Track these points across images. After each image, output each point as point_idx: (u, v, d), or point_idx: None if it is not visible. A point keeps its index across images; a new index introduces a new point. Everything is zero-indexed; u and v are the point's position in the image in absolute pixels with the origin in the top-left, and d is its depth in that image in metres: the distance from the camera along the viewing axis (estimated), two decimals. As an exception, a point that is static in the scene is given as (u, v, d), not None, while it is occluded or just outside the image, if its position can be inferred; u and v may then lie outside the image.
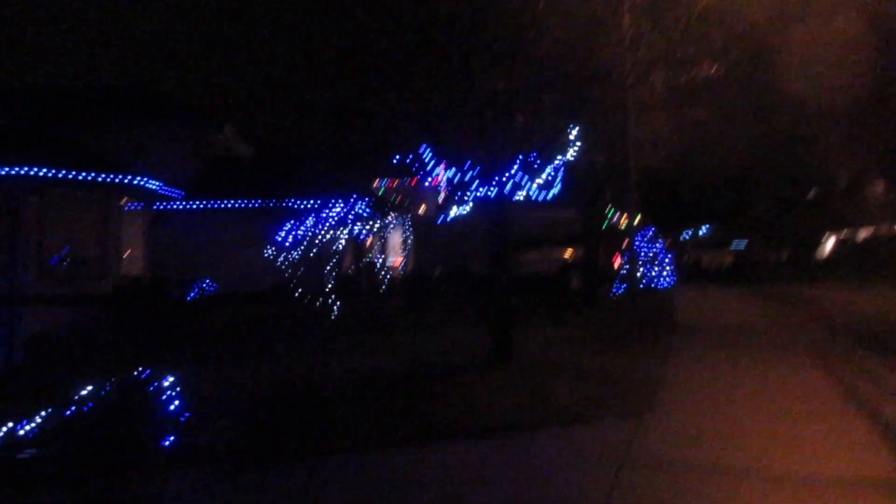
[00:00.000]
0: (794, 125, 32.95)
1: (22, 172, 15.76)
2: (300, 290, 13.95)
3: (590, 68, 8.82)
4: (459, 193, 8.85)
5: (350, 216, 14.58)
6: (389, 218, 23.80)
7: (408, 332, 13.28)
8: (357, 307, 16.97)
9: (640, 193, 16.65)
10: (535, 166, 8.78)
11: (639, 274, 19.67)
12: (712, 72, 10.24)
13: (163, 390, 6.38)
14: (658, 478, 4.96)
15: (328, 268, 13.36)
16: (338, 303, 14.13)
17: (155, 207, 21.01)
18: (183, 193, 21.79)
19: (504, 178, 8.60)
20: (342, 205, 13.69)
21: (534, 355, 9.98)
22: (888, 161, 34.33)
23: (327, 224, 13.30)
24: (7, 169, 15.63)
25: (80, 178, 16.92)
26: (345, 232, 13.74)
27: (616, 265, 25.10)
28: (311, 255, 13.69)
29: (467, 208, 9.34)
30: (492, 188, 8.64)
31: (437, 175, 8.90)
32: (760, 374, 8.55)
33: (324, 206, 13.58)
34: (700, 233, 51.88)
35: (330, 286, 13.89)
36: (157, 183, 19.19)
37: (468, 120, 8.76)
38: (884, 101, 30.54)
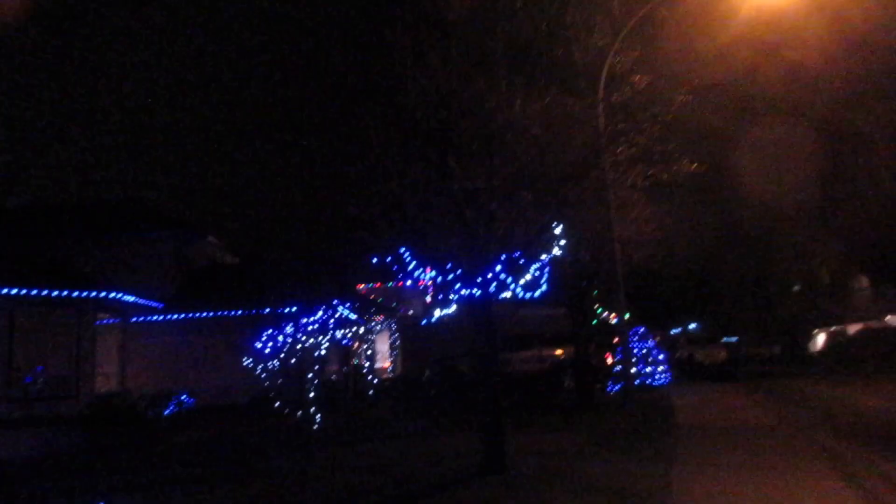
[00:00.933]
0: (768, 221, 33.79)
1: (-7, 289, 15.36)
2: (281, 401, 13.31)
3: (568, 166, 8.72)
4: (443, 294, 8.47)
5: (333, 321, 14.13)
6: (374, 321, 23.32)
7: (394, 441, 12.55)
8: (342, 416, 16.22)
9: (626, 291, 16.37)
10: (520, 265, 8.47)
11: (633, 371, 19.10)
12: (692, 168, 10.21)
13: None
14: None
15: (311, 376, 12.78)
16: (320, 413, 13.44)
17: (133, 320, 20.53)
18: (162, 305, 21.36)
19: (488, 278, 8.27)
20: (324, 310, 13.30)
21: (530, 463, 9.28)
22: (866, 256, 34.92)
23: (309, 330, 12.83)
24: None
25: (52, 295, 16.51)
26: (328, 338, 13.26)
27: (609, 363, 24.52)
28: (293, 363, 13.13)
29: (452, 309, 8.91)
30: (476, 289, 8.29)
31: (422, 277, 8.56)
32: (776, 483, 7.85)
33: (305, 312, 13.17)
34: (689, 329, 51.70)
35: (312, 395, 13.24)
36: (132, 298, 18.79)
37: (448, 220, 8.52)
38: (857, 197, 31.50)
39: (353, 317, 20.14)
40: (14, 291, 16.12)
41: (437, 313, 8.67)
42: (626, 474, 8.30)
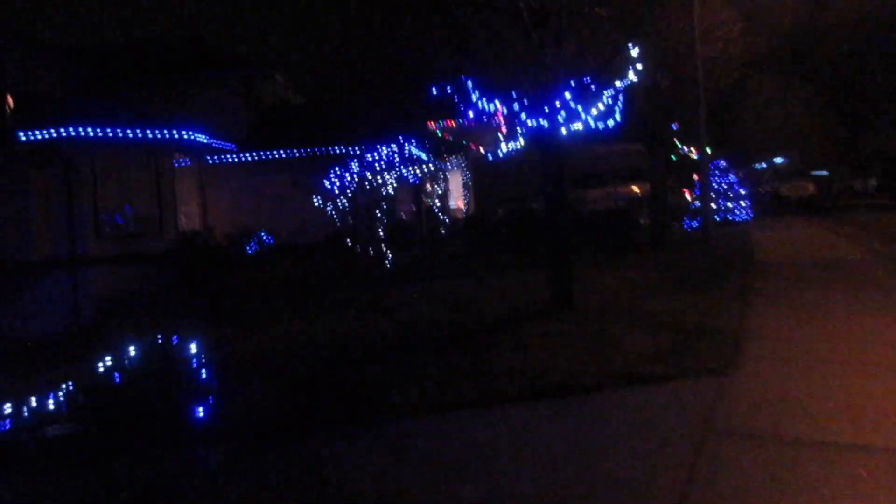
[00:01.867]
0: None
1: (72, 133, 15.68)
2: (352, 238, 13.43)
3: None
4: (508, 127, 7.93)
5: (403, 159, 13.81)
6: (446, 160, 22.96)
7: (464, 278, 12.63)
8: (414, 254, 16.41)
9: (708, 121, 15.14)
10: (592, 92, 7.76)
11: (713, 208, 18.30)
12: None
13: (198, 355, 5.98)
14: (751, 453, 4.10)
15: (379, 214, 12.74)
16: (392, 251, 13.56)
17: (209, 162, 20.87)
18: (235, 146, 21.55)
19: (556, 107, 7.63)
20: (394, 147, 12.93)
21: (598, 301, 9.12)
22: None
23: (379, 169, 12.59)
24: (53, 131, 15.57)
25: (130, 136, 16.76)
26: (398, 176, 13.02)
27: (688, 199, 23.66)
28: (366, 202, 13.08)
29: (519, 143, 8.40)
30: (543, 118, 7.69)
31: (486, 107, 7.97)
32: (862, 321, 7.37)
33: (375, 150, 12.84)
34: (776, 163, 48.99)
35: (386, 234, 13.29)
36: (205, 138, 18.91)
37: (513, 43, 7.78)
38: None
39: (423, 156, 19.83)
40: (91, 132, 16.39)
41: (504, 148, 8.18)
42: (697, 312, 8.00)
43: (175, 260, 16.78)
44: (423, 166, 19.97)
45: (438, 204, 23.08)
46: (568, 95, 7.65)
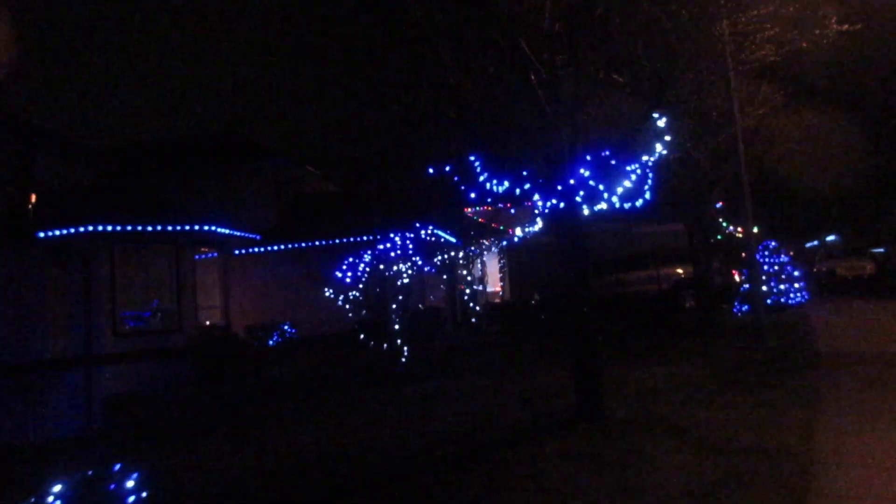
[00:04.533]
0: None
1: (90, 229, 15.42)
2: (364, 333, 12.54)
3: (675, 40, 6.81)
4: (522, 208, 7.03)
5: (423, 245, 13.03)
6: (479, 244, 22.17)
7: (490, 376, 11.49)
8: (441, 347, 15.40)
9: (754, 198, 14.02)
10: (613, 168, 6.82)
11: (763, 290, 16.89)
12: (842, 28, 7.78)
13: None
14: None
15: (395, 306, 11.85)
16: (416, 342, 12.59)
17: (235, 253, 20.53)
18: (259, 237, 21.22)
19: (570, 185, 6.70)
20: (402, 235, 12.18)
21: (634, 406, 7.84)
22: None
23: (394, 257, 11.81)
24: (73, 228, 15.34)
25: (149, 230, 16.46)
26: (420, 264, 12.20)
27: (736, 281, 22.27)
28: (382, 293, 12.25)
29: (537, 226, 7.48)
30: (557, 199, 6.77)
31: (494, 187, 7.12)
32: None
33: (382, 238, 12.13)
34: (828, 241, 46.92)
35: (405, 325, 12.36)
36: (227, 230, 18.59)
37: (524, 118, 6.97)
38: None
39: (452, 240, 19.07)
40: (110, 228, 16.12)
41: (519, 232, 7.24)
42: (751, 423, 6.66)
43: (194, 355, 16.17)
44: (453, 251, 19.17)
45: (474, 289, 22.14)
46: (586, 173, 6.74)
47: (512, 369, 12.00)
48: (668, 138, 7.10)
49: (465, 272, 19.89)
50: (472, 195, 6.98)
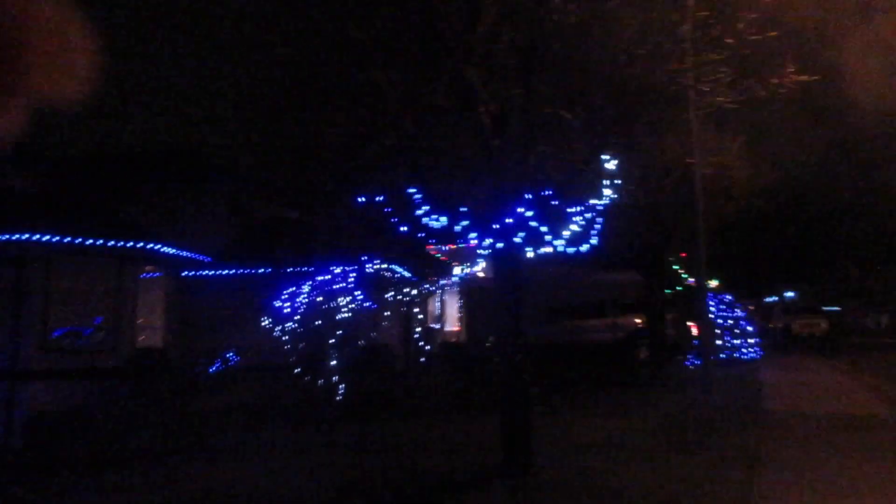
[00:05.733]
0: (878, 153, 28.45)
1: (24, 238, 14.68)
2: (301, 366, 12.00)
3: (634, 78, 6.57)
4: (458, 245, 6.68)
5: (354, 280, 12.58)
6: (432, 281, 21.76)
7: (426, 419, 11.01)
8: (382, 387, 14.88)
9: (711, 251, 13.90)
10: (556, 210, 6.51)
11: (717, 345, 16.75)
12: (801, 79, 7.67)
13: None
14: None
15: (332, 341, 11.36)
16: (357, 380, 12.07)
17: (183, 274, 19.82)
18: (210, 259, 20.53)
19: (507, 225, 6.36)
20: (344, 268, 11.74)
21: (568, 463, 7.42)
22: None
23: (333, 289, 11.35)
24: (6, 234, 14.59)
25: (88, 244, 15.75)
26: (350, 299, 11.77)
27: (695, 334, 22.24)
28: (320, 326, 11.73)
29: (478, 266, 7.12)
30: (494, 238, 6.42)
31: (431, 223, 6.75)
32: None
33: (320, 270, 11.68)
34: (786, 298, 47.61)
35: (345, 363, 11.84)
36: (174, 250, 17.92)
37: (468, 151, 6.65)
38: None
39: (408, 275, 18.63)
40: (46, 238, 15.38)
41: (457, 271, 6.86)
42: (693, 484, 6.31)
43: (127, 378, 15.44)
44: (408, 287, 18.72)
45: (429, 327, 21.64)
46: (528, 213, 6.41)
47: (454, 414, 11.53)
48: (618, 182, 6.84)
49: (416, 310, 19.44)
50: (404, 229, 6.61)
